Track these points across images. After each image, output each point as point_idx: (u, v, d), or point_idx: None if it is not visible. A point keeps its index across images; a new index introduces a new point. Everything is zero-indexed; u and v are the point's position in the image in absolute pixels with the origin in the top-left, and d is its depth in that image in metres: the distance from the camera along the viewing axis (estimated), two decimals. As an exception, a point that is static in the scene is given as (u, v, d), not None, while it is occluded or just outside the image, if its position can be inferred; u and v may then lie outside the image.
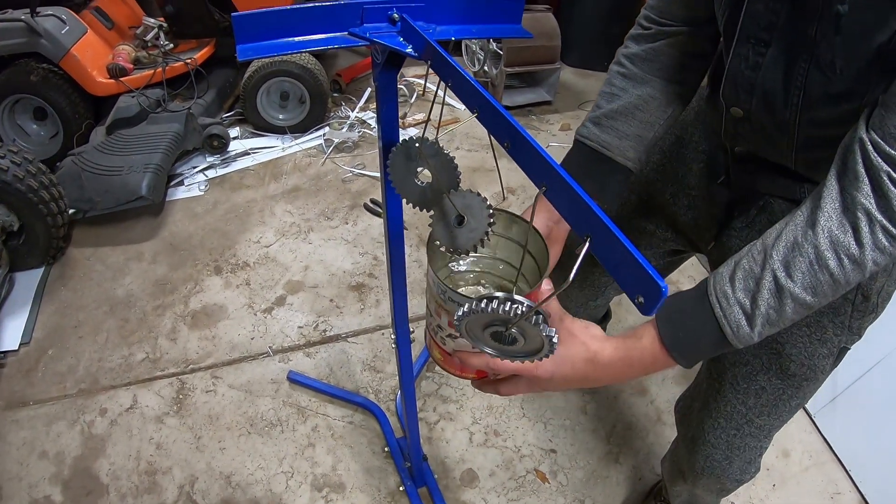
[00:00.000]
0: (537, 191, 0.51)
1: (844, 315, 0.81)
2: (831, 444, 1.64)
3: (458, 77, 0.57)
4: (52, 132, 2.40)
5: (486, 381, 0.71)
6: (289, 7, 0.64)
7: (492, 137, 0.56)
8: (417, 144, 0.65)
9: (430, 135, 0.67)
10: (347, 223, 2.35)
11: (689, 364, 0.63)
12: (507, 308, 0.50)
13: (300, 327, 1.93)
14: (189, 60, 2.45)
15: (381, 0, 0.67)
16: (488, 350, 0.59)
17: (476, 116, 0.56)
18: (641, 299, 0.38)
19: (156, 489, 1.54)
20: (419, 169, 0.68)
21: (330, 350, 1.86)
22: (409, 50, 0.66)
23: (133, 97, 2.36)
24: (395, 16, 0.69)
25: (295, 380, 1.74)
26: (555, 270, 0.81)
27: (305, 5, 0.65)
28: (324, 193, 2.50)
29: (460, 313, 0.53)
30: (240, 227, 2.32)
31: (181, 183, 2.50)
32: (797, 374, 0.87)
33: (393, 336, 1.04)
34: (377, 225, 2.33)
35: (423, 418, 1.68)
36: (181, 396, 1.72)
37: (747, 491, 1.56)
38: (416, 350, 1.76)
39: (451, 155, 0.64)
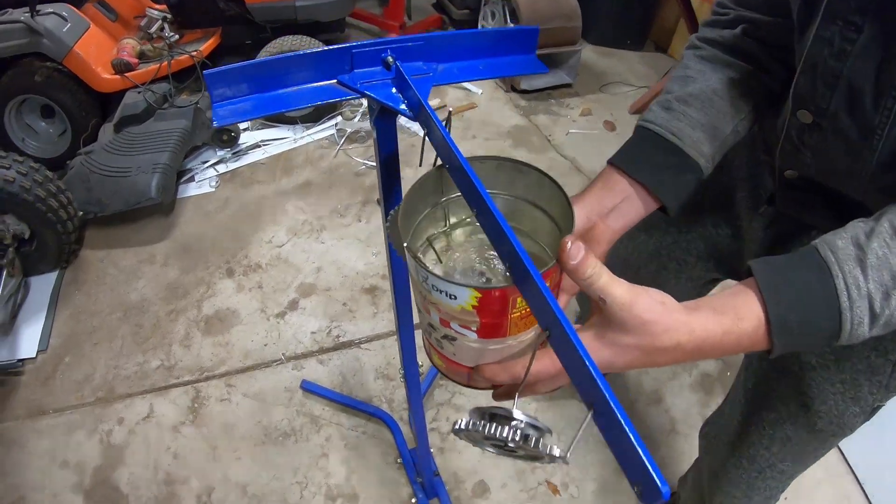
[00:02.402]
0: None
1: (883, 374, 0.78)
2: (847, 457, 1.67)
3: (462, 174, 0.53)
4: (61, 129, 2.48)
5: (513, 388, 0.57)
6: (268, 58, 0.61)
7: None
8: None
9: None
10: (360, 220, 2.40)
11: (774, 356, 0.52)
12: (505, 434, 0.48)
13: (313, 333, 2.01)
14: (195, 53, 2.50)
15: (374, 41, 0.63)
16: (490, 450, 0.55)
17: (477, 216, 0.52)
18: (639, 489, 0.36)
19: (174, 499, 1.64)
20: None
21: (343, 357, 1.94)
22: (402, 107, 0.63)
23: (139, 93, 2.41)
24: (390, 59, 0.64)
25: (308, 389, 1.82)
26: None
27: (287, 54, 0.62)
28: (336, 188, 2.55)
29: (457, 427, 0.51)
30: (252, 227, 2.39)
31: (192, 179, 2.57)
32: (825, 430, 0.85)
33: (401, 371, 1.10)
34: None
35: (436, 428, 1.75)
36: (196, 405, 1.82)
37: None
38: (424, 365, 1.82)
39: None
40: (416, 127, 2.68)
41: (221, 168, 2.63)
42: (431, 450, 1.67)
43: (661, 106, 0.75)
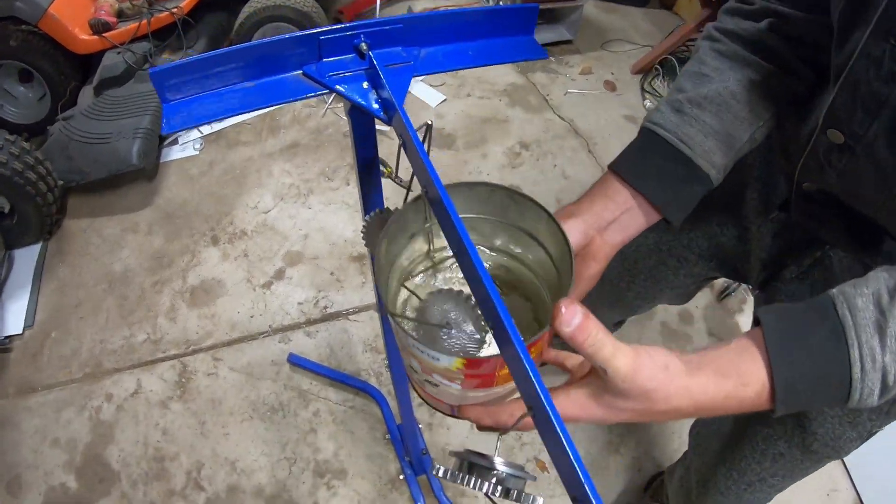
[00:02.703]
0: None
1: (886, 402, 0.76)
2: (850, 471, 1.65)
3: (440, 206, 0.47)
4: (41, 94, 2.40)
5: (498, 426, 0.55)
6: (224, 50, 0.54)
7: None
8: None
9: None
10: (349, 184, 2.36)
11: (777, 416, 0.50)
12: (485, 489, 0.47)
13: (300, 304, 2.00)
14: (175, 9, 2.39)
15: (345, 25, 0.56)
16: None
17: (456, 257, 0.48)
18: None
19: (164, 475, 1.66)
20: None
21: (331, 328, 1.93)
22: (375, 106, 0.57)
23: (118, 53, 2.32)
24: (363, 46, 0.57)
25: (295, 362, 1.83)
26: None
27: (244, 44, 0.55)
28: (324, 150, 2.49)
29: (435, 472, 0.50)
30: (237, 191, 2.34)
31: (175, 142, 2.51)
32: (819, 452, 0.83)
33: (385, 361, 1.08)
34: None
35: (423, 405, 1.76)
36: (184, 380, 1.82)
37: None
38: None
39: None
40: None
41: (206, 129, 2.56)
42: (420, 425, 1.68)
43: (672, 107, 0.68)
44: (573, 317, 0.42)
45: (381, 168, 0.72)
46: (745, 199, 0.86)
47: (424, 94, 2.66)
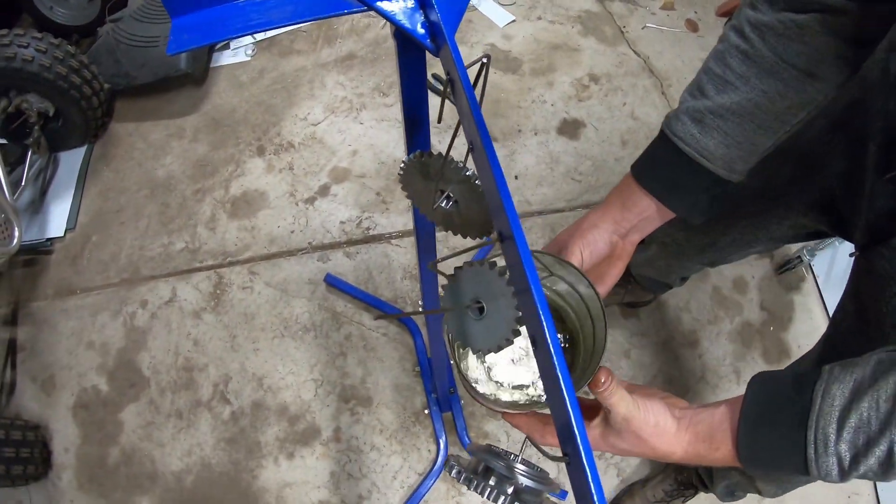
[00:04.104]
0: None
1: None
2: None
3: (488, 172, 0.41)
4: (91, -6, 2.37)
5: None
6: None
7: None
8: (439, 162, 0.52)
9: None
10: (403, 100, 2.23)
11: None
12: (500, 501, 0.49)
13: (342, 222, 1.92)
14: None
15: None
16: None
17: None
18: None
19: (192, 385, 1.67)
20: (442, 191, 0.57)
21: (371, 252, 1.86)
22: (421, 31, 0.49)
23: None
24: None
25: (332, 283, 1.77)
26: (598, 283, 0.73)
27: None
28: (381, 63, 2.36)
29: (452, 473, 0.54)
30: (286, 101, 2.26)
31: (227, 47, 2.44)
32: None
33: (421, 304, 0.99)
34: (437, 107, 2.20)
35: (461, 337, 1.67)
36: (218, 292, 1.80)
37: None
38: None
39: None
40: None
41: (259, 35, 2.47)
42: (451, 361, 1.60)
43: (692, 117, 0.68)
44: (609, 383, 0.56)
45: (437, 84, 0.60)
46: (868, 150, 0.78)
47: (492, 12, 2.47)
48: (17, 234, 1.60)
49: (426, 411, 1.55)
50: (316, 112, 2.22)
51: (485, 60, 0.53)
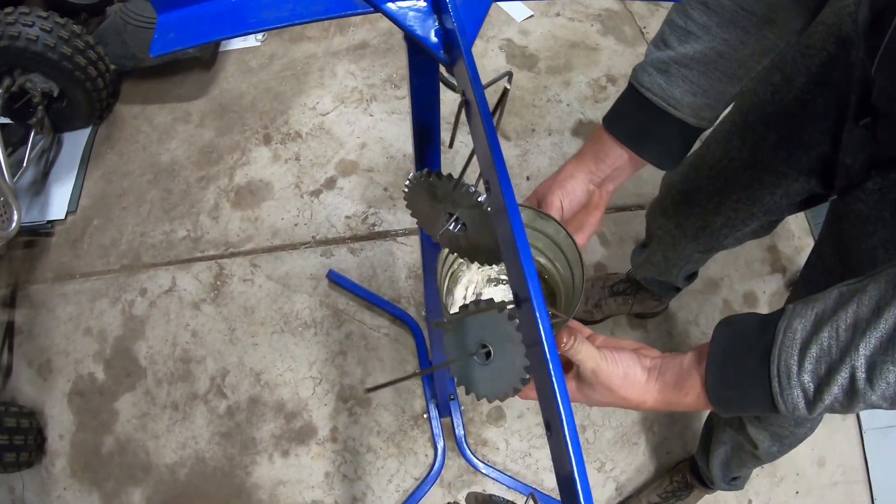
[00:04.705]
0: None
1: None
2: (869, 465, 1.58)
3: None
4: (101, -31, 2.33)
5: None
6: None
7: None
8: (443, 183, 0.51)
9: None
10: (414, 93, 2.20)
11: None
12: None
13: (348, 217, 1.91)
14: None
15: None
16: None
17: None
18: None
19: (189, 377, 1.66)
20: (451, 213, 0.55)
21: (376, 248, 1.84)
22: (434, 40, 0.45)
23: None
24: None
25: (334, 280, 1.75)
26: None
27: None
28: (394, 54, 2.33)
29: None
30: (295, 89, 2.24)
31: (237, 30, 2.40)
32: None
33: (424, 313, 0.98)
34: (449, 100, 2.17)
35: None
36: (219, 283, 1.79)
37: (768, 493, 1.55)
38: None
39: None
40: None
41: (270, 19, 2.44)
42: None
43: (657, 68, 0.70)
44: (571, 341, 0.57)
45: (450, 79, 0.56)
46: (850, 103, 0.81)
47: (510, 6, 2.43)
48: (15, 217, 1.58)
49: (425, 415, 1.54)
50: (325, 102, 2.20)
51: (507, 86, 0.51)
